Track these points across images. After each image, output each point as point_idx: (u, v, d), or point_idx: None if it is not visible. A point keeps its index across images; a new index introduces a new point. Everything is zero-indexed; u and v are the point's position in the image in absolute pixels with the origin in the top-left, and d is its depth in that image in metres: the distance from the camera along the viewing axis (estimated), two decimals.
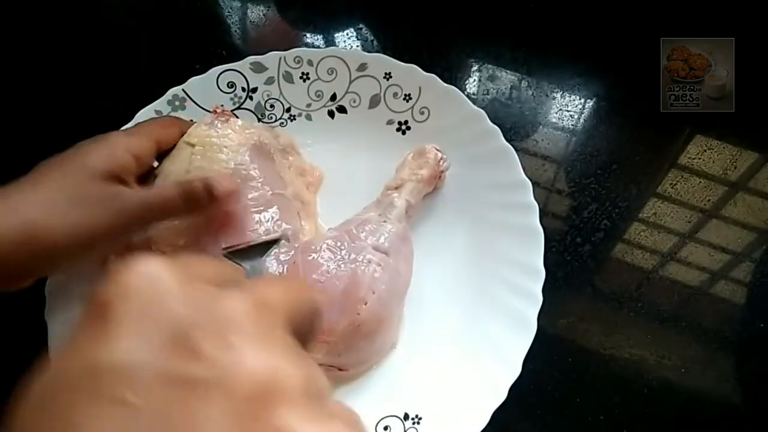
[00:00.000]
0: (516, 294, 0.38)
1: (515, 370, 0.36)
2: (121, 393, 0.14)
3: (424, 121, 0.44)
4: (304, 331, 0.19)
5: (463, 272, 0.41)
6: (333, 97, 0.45)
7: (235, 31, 0.56)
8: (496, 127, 0.42)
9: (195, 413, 0.15)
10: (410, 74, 0.44)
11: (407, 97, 0.44)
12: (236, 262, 0.32)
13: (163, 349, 0.15)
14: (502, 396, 0.35)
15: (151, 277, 0.17)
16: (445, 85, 0.43)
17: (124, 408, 0.14)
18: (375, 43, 0.54)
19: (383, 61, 0.44)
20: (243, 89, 0.45)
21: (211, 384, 0.15)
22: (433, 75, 0.44)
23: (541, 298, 0.37)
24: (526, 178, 0.41)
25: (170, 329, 0.16)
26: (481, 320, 0.39)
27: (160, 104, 0.43)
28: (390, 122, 0.45)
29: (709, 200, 0.46)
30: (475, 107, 0.43)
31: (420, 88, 0.44)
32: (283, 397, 0.15)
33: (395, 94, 0.45)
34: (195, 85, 0.44)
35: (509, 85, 0.51)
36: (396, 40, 0.54)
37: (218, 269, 0.20)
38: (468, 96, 0.43)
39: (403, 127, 0.45)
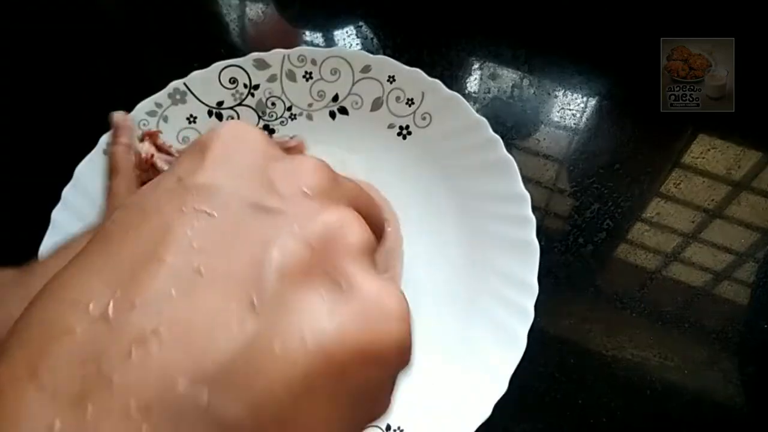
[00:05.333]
0: (507, 309, 0.38)
1: (502, 386, 0.35)
2: (202, 206, 0.16)
3: (426, 126, 0.44)
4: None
5: (455, 282, 0.41)
6: (335, 98, 0.45)
7: (234, 29, 0.56)
8: (498, 137, 0.41)
9: (267, 233, 0.16)
10: (414, 78, 0.43)
11: (410, 102, 0.44)
12: None
13: (246, 182, 0.17)
14: (487, 412, 0.35)
15: (245, 128, 0.19)
16: (449, 91, 0.43)
17: (204, 217, 0.16)
18: (375, 41, 0.54)
19: (387, 64, 0.43)
20: (245, 86, 0.44)
21: (286, 216, 0.17)
22: (437, 80, 0.43)
23: (532, 315, 0.37)
24: (525, 191, 0.40)
25: (256, 168, 0.18)
26: (470, 334, 0.38)
27: (160, 97, 0.43)
28: (391, 126, 0.44)
29: (712, 200, 0.46)
30: (478, 115, 0.42)
31: (423, 93, 0.43)
32: (347, 249, 0.17)
33: (398, 98, 0.44)
34: (196, 79, 0.43)
35: (510, 84, 0.51)
36: (396, 38, 0.53)
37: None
38: (469, 95, 0.43)
39: (404, 131, 0.44)
